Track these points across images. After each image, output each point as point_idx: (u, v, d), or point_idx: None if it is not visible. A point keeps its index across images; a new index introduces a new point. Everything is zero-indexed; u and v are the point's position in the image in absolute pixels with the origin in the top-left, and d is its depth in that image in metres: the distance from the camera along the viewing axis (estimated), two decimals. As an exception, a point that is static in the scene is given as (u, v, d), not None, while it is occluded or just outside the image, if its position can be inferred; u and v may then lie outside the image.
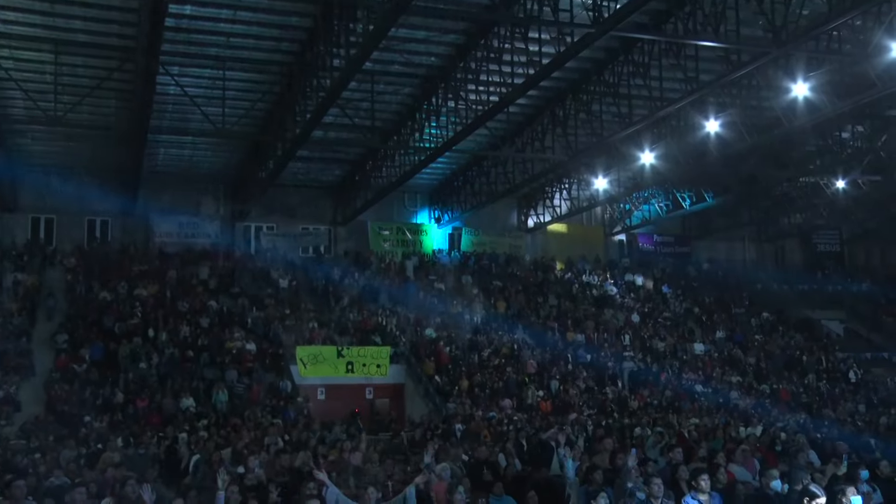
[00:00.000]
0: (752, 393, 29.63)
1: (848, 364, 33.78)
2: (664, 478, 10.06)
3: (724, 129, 24.32)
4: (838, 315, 39.52)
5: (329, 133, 27.55)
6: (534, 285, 36.04)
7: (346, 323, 30.16)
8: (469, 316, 32.31)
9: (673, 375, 30.27)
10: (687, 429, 19.76)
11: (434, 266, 35.92)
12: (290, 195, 35.17)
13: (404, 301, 32.43)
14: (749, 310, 38.09)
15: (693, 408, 27.01)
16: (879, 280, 41.53)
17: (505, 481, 11.87)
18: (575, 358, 30.50)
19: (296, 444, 17.46)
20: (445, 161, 31.90)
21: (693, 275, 40.35)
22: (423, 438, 20.04)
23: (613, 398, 27.88)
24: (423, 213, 37.88)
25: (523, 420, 23.01)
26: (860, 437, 18.44)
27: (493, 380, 27.93)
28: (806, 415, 25.73)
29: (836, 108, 22.29)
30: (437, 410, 25.68)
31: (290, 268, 33.71)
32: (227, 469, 10.21)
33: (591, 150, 26.98)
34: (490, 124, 25.51)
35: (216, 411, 23.55)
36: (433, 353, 29.03)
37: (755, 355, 33.27)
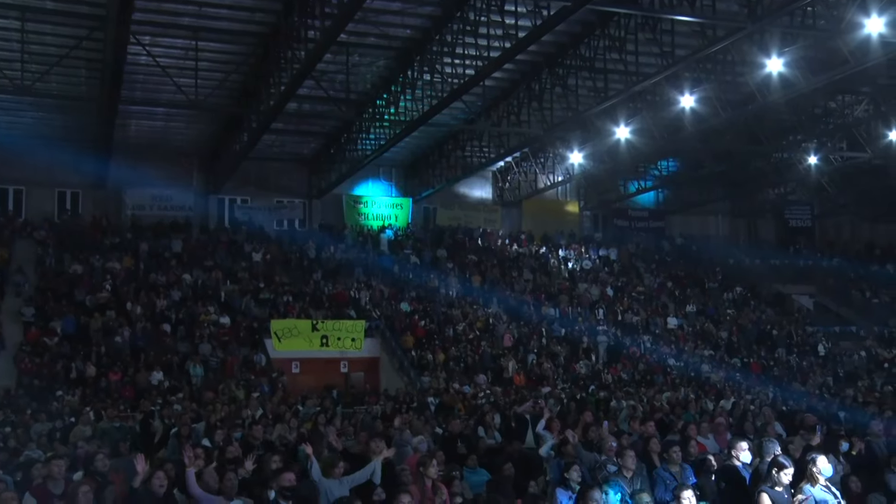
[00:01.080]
0: (723, 366, 29.97)
1: (817, 338, 34.24)
2: (636, 450, 10.16)
3: (699, 104, 24.40)
4: (809, 290, 39.98)
5: (304, 105, 27.31)
6: (509, 259, 36.12)
7: (321, 296, 30.09)
8: (444, 290, 32.34)
9: (650, 349, 30.56)
10: (659, 402, 19.97)
11: (409, 240, 35.88)
12: (264, 168, 34.88)
13: (379, 274, 32.42)
14: (721, 284, 38.44)
15: (666, 381, 27.30)
16: (849, 255, 42.05)
17: (479, 454, 11.93)
18: (550, 332, 30.66)
19: (271, 417, 17.42)
20: (421, 135, 31.75)
21: (667, 249, 40.62)
22: (397, 412, 20.07)
23: (587, 372, 28.11)
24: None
25: (498, 393, 23.12)
26: (829, 409, 18.71)
27: (469, 354, 28.04)
28: (775, 387, 26.04)
29: (810, 83, 22.42)
30: (412, 384, 25.77)
31: (265, 241, 33.55)
32: (195, 444, 10.16)
33: (567, 125, 26.98)
34: (466, 98, 25.39)
35: (190, 385, 23.47)
36: (408, 326, 29.07)
37: (727, 329, 33.62)
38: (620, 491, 8.07)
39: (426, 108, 24.83)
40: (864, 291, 39.50)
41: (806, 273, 39.96)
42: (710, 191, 39.68)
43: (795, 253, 41.88)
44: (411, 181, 37.39)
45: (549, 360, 28.49)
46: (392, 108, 26.25)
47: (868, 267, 40.70)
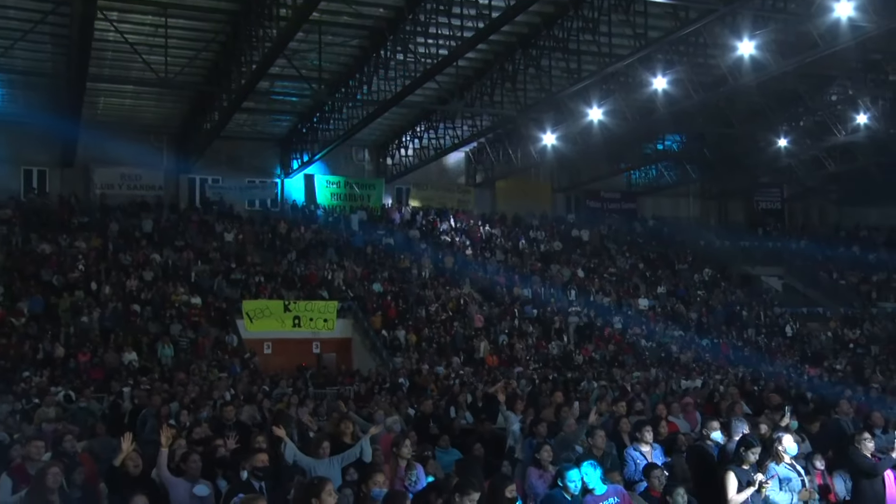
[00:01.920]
0: (692, 347, 30.29)
1: (785, 319, 34.69)
2: (607, 430, 10.25)
3: (671, 86, 24.46)
4: (777, 271, 40.45)
5: (275, 84, 27.04)
6: (481, 240, 36.16)
7: (293, 277, 29.96)
8: (417, 271, 32.33)
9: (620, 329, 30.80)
10: (630, 382, 20.15)
11: (381, 220, 35.80)
12: (236, 147, 34.53)
13: (351, 255, 32.33)
14: (692, 266, 38.77)
15: (636, 362, 27.55)
16: (817, 238, 42.61)
17: (451, 434, 11.98)
18: (522, 313, 30.79)
19: (243, 398, 17.37)
20: (394, 115, 31.60)
21: (638, 231, 40.87)
22: (370, 392, 20.12)
23: (559, 352, 28.29)
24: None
25: (469, 374, 23.22)
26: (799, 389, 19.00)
27: (441, 334, 28.10)
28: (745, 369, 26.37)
29: (781, 66, 22.56)
30: (385, 364, 25.79)
31: (236, 221, 33.30)
32: (170, 424, 10.09)
33: (540, 106, 26.95)
34: (439, 78, 25.26)
35: (161, 365, 23.31)
36: (380, 307, 29.05)
37: (697, 310, 33.94)
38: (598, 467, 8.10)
39: (399, 88, 24.69)
40: (831, 273, 40.06)
41: (775, 255, 40.40)
42: (681, 173, 39.93)
43: (765, 235, 42.38)
44: (384, 161, 37.24)
45: (520, 340, 28.63)
46: (365, 88, 26.07)
47: (835, 249, 41.27)
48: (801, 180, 40.52)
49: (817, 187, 41.81)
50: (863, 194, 41.85)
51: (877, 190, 40.76)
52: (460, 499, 6.79)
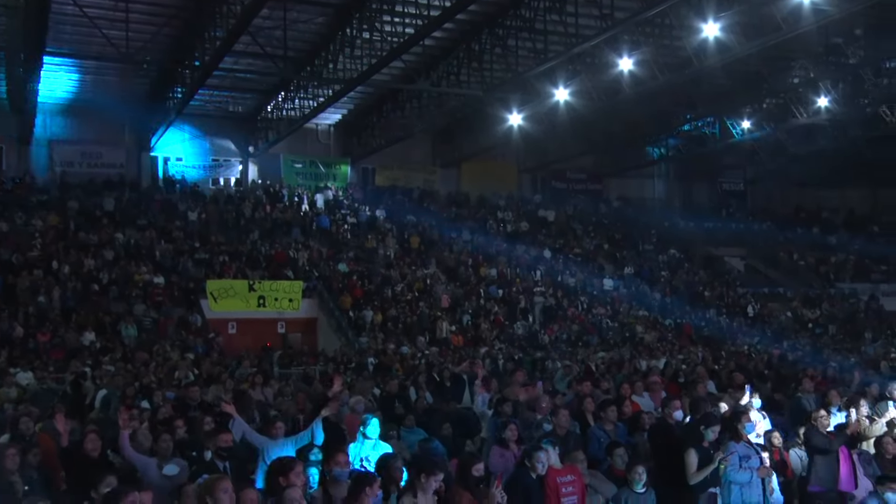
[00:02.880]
0: (657, 327, 30.61)
1: (747, 299, 35.17)
2: (571, 409, 10.32)
3: (637, 67, 24.54)
4: (740, 252, 40.96)
5: (240, 62, 26.69)
6: (447, 220, 36.14)
7: (258, 256, 29.76)
8: (382, 251, 32.27)
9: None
10: (594, 362, 20.32)
11: (347, 200, 35.65)
12: (200, 125, 34.12)
13: (317, 235, 32.17)
14: (656, 247, 39.12)
15: (601, 341, 27.79)
16: (778, 219, 43.22)
17: (416, 414, 12.00)
18: (487, 293, 30.88)
19: (207, 378, 17.26)
20: (360, 94, 31.39)
21: (604, 212, 41.11)
22: (336, 372, 20.08)
23: (524, 333, 28.43)
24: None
25: (435, 354, 23.28)
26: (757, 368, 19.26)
27: (406, 314, 28.11)
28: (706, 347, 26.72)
29: (745, 49, 22.72)
30: (350, 344, 25.75)
31: (201, 200, 32.95)
32: (132, 405, 10.00)
33: (506, 86, 26.93)
34: (405, 57, 25.15)
35: (123, 346, 23.06)
36: (346, 287, 28.98)
37: (661, 291, 34.27)
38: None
39: (365, 67, 24.52)
40: (791, 254, 40.68)
41: (737, 236, 40.87)
42: (646, 154, 40.18)
43: (728, 217, 42.87)
44: (349, 141, 37.01)
45: (486, 320, 28.73)
46: (330, 66, 25.85)
47: (795, 230, 41.93)
48: (764, 162, 40.98)
49: (779, 169, 42.30)
50: (823, 176, 42.46)
51: (836, 172, 41.40)
52: (426, 479, 6.81)
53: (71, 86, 30.13)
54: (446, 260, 32.81)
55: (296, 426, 10.47)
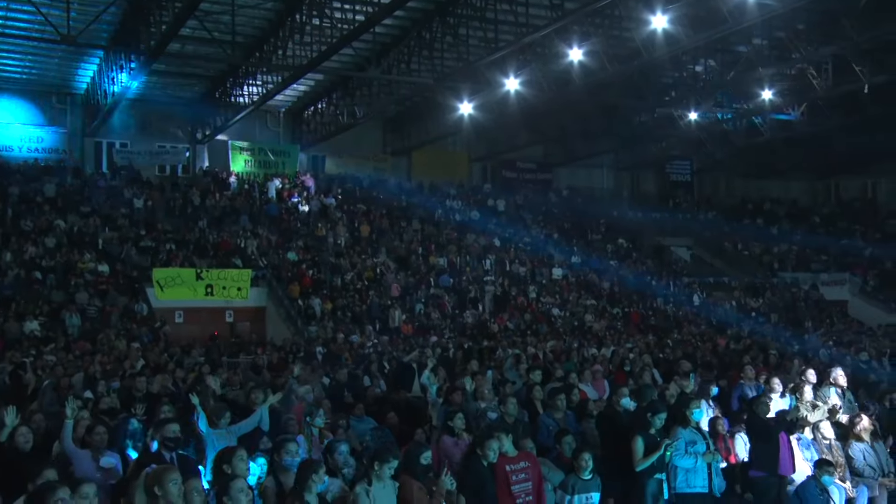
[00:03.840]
0: (605, 316, 30.95)
1: (693, 288, 35.72)
2: (521, 398, 10.39)
3: (587, 57, 24.70)
4: (686, 242, 41.61)
5: (187, 46, 26.24)
6: (398, 209, 36.07)
7: (206, 245, 29.36)
8: (332, 239, 32.08)
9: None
10: (543, 350, 20.45)
11: (296, 188, 35.35)
12: (145, 111, 33.49)
13: (266, 223, 31.85)
14: (605, 236, 39.51)
15: (550, 330, 27.99)
16: (723, 209, 44.02)
17: (366, 403, 11.98)
18: (437, 282, 30.91)
19: (154, 368, 17.00)
20: (309, 81, 31.10)
21: (553, 201, 41.39)
22: (284, 361, 19.92)
23: (474, 321, 28.53)
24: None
25: (385, 343, 23.24)
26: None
27: (356, 303, 28.01)
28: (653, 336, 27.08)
29: (692, 41, 23.02)
30: (299, 333, 25.58)
31: (146, 187, 32.39)
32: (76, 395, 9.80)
33: (457, 75, 26.91)
34: (356, 45, 24.96)
35: (66, 335, 22.59)
36: (295, 276, 28.76)
37: (609, 280, 34.63)
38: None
39: (315, 54, 24.29)
40: (736, 244, 41.45)
41: (684, 226, 41.46)
42: (595, 144, 40.52)
43: (675, 207, 43.49)
44: (299, 128, 36.68)
45: (436, 309, 28.76)
46: (280, 53, 25.56)
47: (740, 221, 42.74)
48: (710, 153, 41.63)
49: (724, 161, 43.03)
50: (766, 168, 43.35)
51: (779, 164, 42.30)
52: (379, 466, 6.83)
53: (11, 67, 29.31)
54: (396, 249, 32.74)
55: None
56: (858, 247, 39.76)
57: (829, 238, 40.10)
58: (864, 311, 35.97)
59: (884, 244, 38.83)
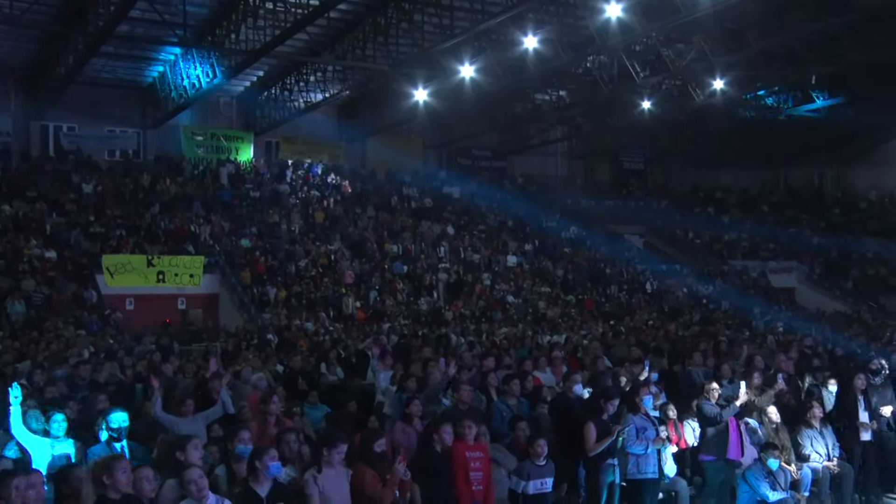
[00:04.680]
0: (559, 303, 31.18)
1: (645, 276, 36.15)
2: (475, 384, 10.43)
3: (542, 45, 24.77)
4: (639, 230, 42.07)
5: (137, 29, 25.74)
6: (352, 196, 35.90)
7: (157, 231, 28.93)
8: (286, 226, 31.82)
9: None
10: (498, 337, 20.57)
11: (250, 174, 34.98)
12: (94, 94, 32.72)
13: (219, 209, 31.48)
14: (559, 224, 39.75)
15: (504, 317, 28.14)
16: (675, 198, 44.58)
17: (320, 390, 11.93)
18: (392, 269, 30.86)
19: (105, 355, 16.74)
20: (263, 66, 30.72)
21: (508, 188, 41.53)
22: (238, 349, 19.77)
23: (429, 308, 28.56)
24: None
25: (339, 330, 23.16)
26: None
27: (310, 290, 27.86)
28: (606, 323, 27.36)
29: (646, 30, 23.20)
30: (253, 321, 25.38)
31: (95, 171, 31.76)
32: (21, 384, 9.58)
33: (412, 61, 26.82)
34: (310, 29, 24.75)
35: (10, 323, 22.12)
36: (249, 262, 28.50)
37: (563, 267, 34.88)
38: None
39: (268, 39, 24.00)
40: (687, 233, 42.03)
41: (637, 214, 41.90)
42: (549, 132, 40.71)
43: (628, 195, 43.93)
44: (252, 114, 36.25)
45: (390, 296, 28.73)
46: (232, 37, 25.19)
47: (692, 209, 43.35)
48: (662, 142, 42.08)
49: (677, 149, 43.55)
50: (718, 157, 43.97)
51: (730, 153, 42.93)
52: (328, 452, 6.81)
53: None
54: (351, 235, 32.60)
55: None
56: (805, 236, 40.60)
57: (777, 227, 40.90)
58: (811, 298, 36.80)
59: (829, 233, 39.73)
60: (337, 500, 6.74)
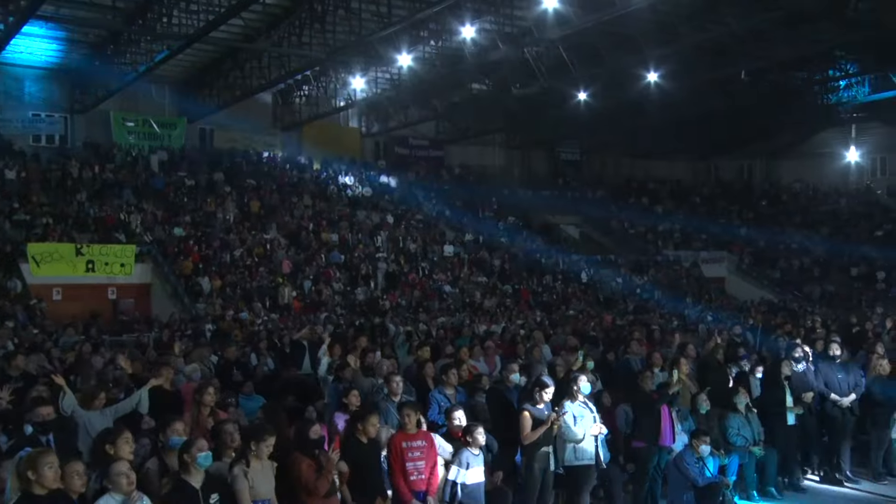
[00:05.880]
0: (496, 293, 31.35)
1: (581, 266, 36.57)
2: (412, 374, 10.43)
3: (479, 35, 24.82)
4: (575, 220, 42.55)
5: (62, 10, 24.97)
6: (288, 185, 35.52)
7: (86, 219, 28.20)
8: (221, 214, 31.33)
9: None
10: (435, 328, 20.58)
11: (183, 162, 34.32)
12: (17, 77, 31.75)
13: (151, 197, 30.83)
14: (496, 214, 39.97)
15: (441, 307, 28.19)
16: (611, 189, 45.21)
17: (255, 381, 11.80)
18: (328, 258, 30.65)
19: (28, 347, 16.26)
20: (197, 51, 30.13)
21: (445, 178, 41.57)
22: (171, 339, 19.40)
23: (366, 298, 28.45)
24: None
25: (275, 320, 22.92)
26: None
27: (246, 280, 27.51)
28: (543, 313, 27.63)
29: (582, 22, 23.41)
30: (187, 311, 24.95)
31: (19, 157, 30.78)
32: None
33: (349, 49, 26.62)
34: (245, 15, 24.36)
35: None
36: (182, 252, 27.99)
37: (500, 257, 35.08)
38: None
39: (202, 24, 23.54)
40: (622, 223, 42.67)
41: (573, 205, 42.36)
42: (487, 122, 40.84)
43: (564, 185, 44.37)
44: (186, 100, 35.54)
45: (327, 286, 28.54)
46: (165, 20, 24.63)
47: (626, 200, 44.02)
48: (599, 134, 42.57)
49: (613, 141, 44.12)
50: (652, 148, 44.73)
51: (665, 145, 43.72)
52: (256, 445, 6.75)
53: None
54: (287, 225, 32.27)
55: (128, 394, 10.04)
56: (735, 226, 41.60)
57: (708, 218, 41.83)
58: (740, 287, 37.77)
59: (757, 225, 40.80)
60: (264, 492, 6.73)
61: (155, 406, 8.99)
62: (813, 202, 44.41)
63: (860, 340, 15.25)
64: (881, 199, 42.82)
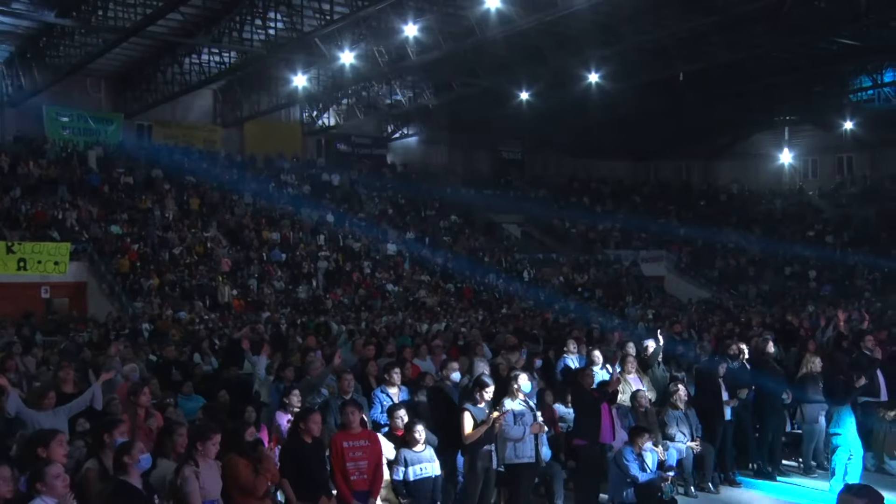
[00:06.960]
0: (438, 291, 31.39)
1: (523, 264, 36.85)
2: (355, 373, 10.39)
3: (422, 34, 24.81)
4: (517, 219, 42.83)
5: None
6: (229, 182, 35.03)
7: (18, 216, 27.43)
8: (159, 212, 30.77)
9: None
10: (378, 326, 20.54)
11: (121, 158, 33.60)
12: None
13: (86, 194, 30.11)
14: (439, 212, 40.01)
15: (384, 305, 28.12)
16: (553, 188, 45.61)
17: (195, 381, 11.64)
18: (270, 256, 30.34)
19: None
20: (135, 45, 29.54)
21: (388, 177, 41.47)
22: (106, 339, 19.00)
23: (308, 297, 28.24)
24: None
25: (215, 319, 22.63)
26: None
27: (185, 278, 27.07)
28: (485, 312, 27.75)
29: (525, 22, 23.56)
30: (124, 310, 24.45)
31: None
32: None
33: (291, 46, 26.37)
34: (184, 9, 23.95)
35: None
36: (119, 249, 27.42)
37: (443, 256, 35.12)
38: None
39: (139, 17, 23.09)
40: (563, 222, 43.09)
41: (515, 204, 42.62)
42: (430, 121, 40.84)
43: (507, 184, 44.62)
44: (123, 95, 34.83)
45: (269, 284, 28.25)
46: (100, 13, 24.07)
47: (568, 199, 44.46)
48: (541, 133, 42.90)
49: (555, 141, 44.49)
50: (593, 148, 45.24)
51: (606, 145, 44.27)
52: (203, 445, 6.65)
53: None
54: (228, 223, 31.84)
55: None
56: (674, 226, 42.33)
57: (648, 218, 42.49)
58: (679, 286, 38.46)
59: (696, 224, 41.60)
60: (213, 492, 6.67)
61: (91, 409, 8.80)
62: (749, 203, 45.45)
63: (793, 338, 15.65)
64: (813, 201, 44.01)
